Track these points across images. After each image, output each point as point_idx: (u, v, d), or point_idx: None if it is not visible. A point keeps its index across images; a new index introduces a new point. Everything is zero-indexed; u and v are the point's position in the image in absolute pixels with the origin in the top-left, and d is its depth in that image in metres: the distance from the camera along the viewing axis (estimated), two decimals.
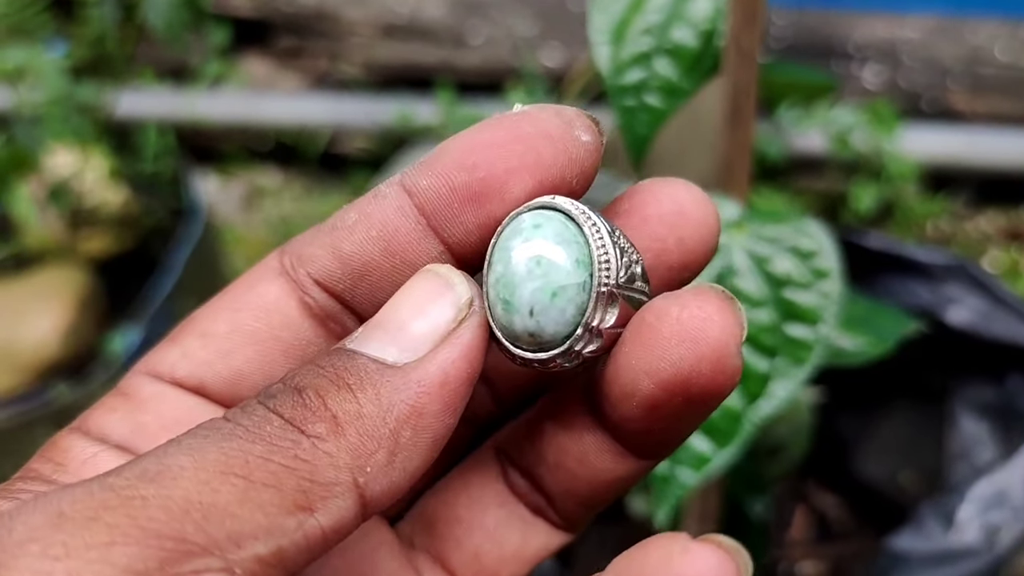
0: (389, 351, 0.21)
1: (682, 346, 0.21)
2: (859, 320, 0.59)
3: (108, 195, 1.14)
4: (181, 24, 0.99)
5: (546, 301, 0.22)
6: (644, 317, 0.22)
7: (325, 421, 0.20)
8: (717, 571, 0.20)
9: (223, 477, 0.18)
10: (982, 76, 1.45)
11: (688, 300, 0.21)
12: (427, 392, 0.21)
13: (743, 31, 0.44)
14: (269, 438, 0.19)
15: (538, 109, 0.23)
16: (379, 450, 0.20)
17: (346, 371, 0.21)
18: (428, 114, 1.43)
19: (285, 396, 0.20)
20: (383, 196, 0.24)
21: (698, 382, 0.21)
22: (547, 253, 0.22)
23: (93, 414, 0.25)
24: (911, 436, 0.85)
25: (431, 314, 0.22)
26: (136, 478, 0.18)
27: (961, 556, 0.66)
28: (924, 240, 1.37)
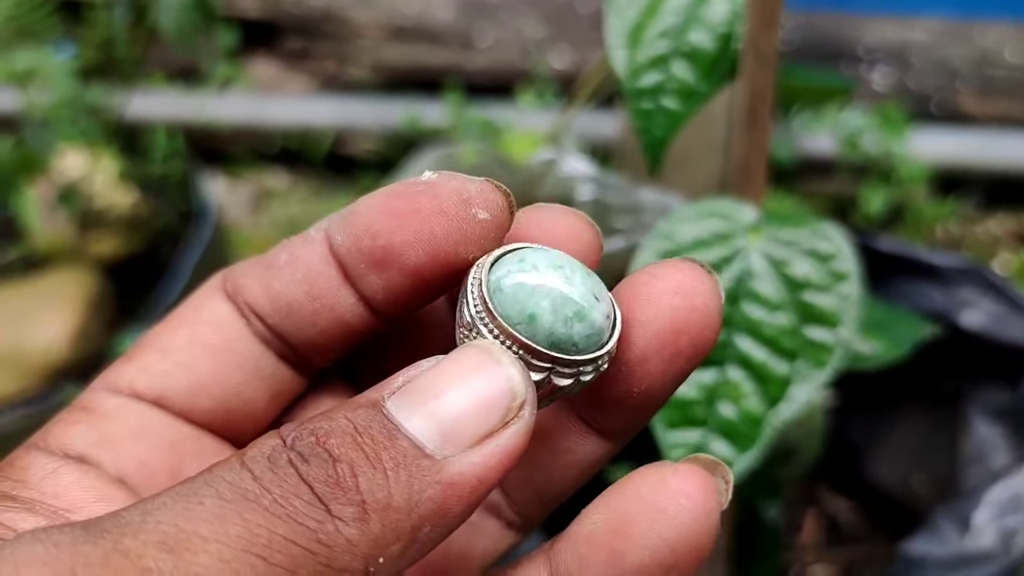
0: (430, 435, 0.20)
1: (677, 297, 0.23)
2: (875, 324, 0.58)
3: (117, 197, 1.14)
4: (191, 26, 0.99)
5: (590, 280, 0.23)
6: (637, 278, 0.23)
7: (354, 505, 0.19)
8: (705, 485, 0.21)
9: (243, 556, 0.18)
10: (992, 78, 1.44)
11: (679, 264, 0.23)
12: (457, 494, 0.20)
13: (761, 34, 0.44)
14: (295, 516, 0.19)
15: (442, 182, 0.24)
16: (397, 543, 0.20)
17: (384, 450, 0.20)
18: (436, 116, 1.43)
19: (318, 464, 0.20)
20: (311, 241, 0.25)
21: (689, 333, 0.23)
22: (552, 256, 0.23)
23: (52, 430, 0.25)
24: (923, 440, 0.84)
25: (483, 406, 0.21)
26: (155, 546, 0.18)
27: (977, 561, 0.65)
28: (934, 243, 1.37)
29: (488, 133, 1.25)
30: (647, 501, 0.21)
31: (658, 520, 0.21)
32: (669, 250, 0.45)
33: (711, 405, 0.44)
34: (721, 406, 0.44)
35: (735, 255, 0.45)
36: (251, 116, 1.52)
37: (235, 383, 0.25)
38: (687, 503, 0.21)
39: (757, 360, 0.44)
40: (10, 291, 1.05)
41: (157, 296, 1.02)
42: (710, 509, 0.21)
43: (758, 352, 0.44)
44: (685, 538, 0.21)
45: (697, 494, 0.21)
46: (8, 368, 0.98)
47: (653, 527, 0.21)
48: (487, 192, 0.24)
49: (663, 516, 0.21)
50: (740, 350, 0.44)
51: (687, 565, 0.21)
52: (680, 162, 0.80)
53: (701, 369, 0.44)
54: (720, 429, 0.44)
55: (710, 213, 0.45)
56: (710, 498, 0.21)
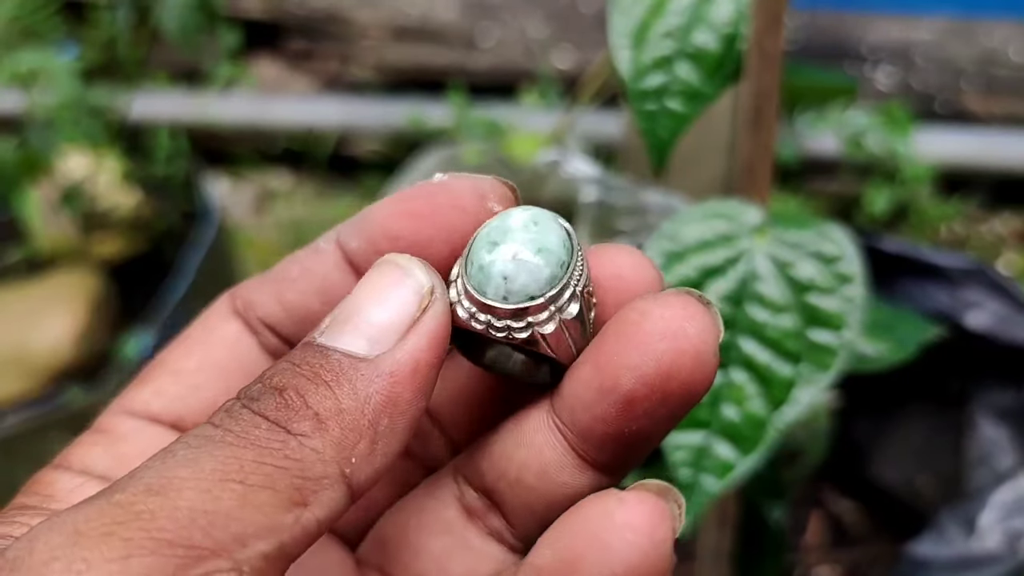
0: (359, 344, 0.22)
1: (664, 342, 0.22)
2: (880, 326, 0.58)
3: (121, 198, 1.14)
4: (194, 27, 0.99)
5: (531, 251, 0.23)
6: (627, 315, 0.23)
7: (308, 419, 0.21)
8: (653, 515, 0.21)
9: (222, 484, 0.19)
10: (996, 77, 1.44)
11: (670, 300, 0.23)
12: (399, 381, 0.22)
13: (766, 34, 0.44)
14: (259, 442, 0.20)
15: (455, 180, 0.25)
16: (361, 440, 0.21)
17: (322, 368, 0.22)
18: (440, 116, 1.43)
19: (267, 398, 0.21)
20: (322, 251, 0.26)
21: (678, 377, 0.22)
22: (544, 222, 0.24)
23: (73, 451, 0.26)
24: (929, 441, 0.84)
25: (395, 304, 0.23)
26: (142, 493, 0.19)
27: (983, 562, 0.65)
28: (938, 243, 1.37)
29: (492, 133, 1.25)
30: (593, 535, 0.21)
31: (605, 556, 0.21)
32: (673, 251, 0.45)
33: (714, 407, 0.44)
34: (725, 408, 0.44)
35: (740, 257, 0.45)
36: (254, 117, 1.52)
37: None
38: (633, 537, 0.21)
39: (761, 362, 0.44)
40: (14, 292, 1.05)
41: (161, 297, 1.02)
42: (659, 540, 0.21)
43: (762, 354, 0.44)
44: (634, 572, 0.21)
45: (644, 526, 0.21)
46: (12, 369, 0.98)
47: (600, 563, 0.21)
48: (498, 187, 0.25)
49: (609, 552, 0.21)
50: (744, 352, 0.44)
51: None
52: (684, 163, 0.80)
53: None
54: (723, 431, 0.44)
55: (715, 214, 0.45)
56: (659, 528, 0.21)
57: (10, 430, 0.91)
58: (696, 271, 0.44)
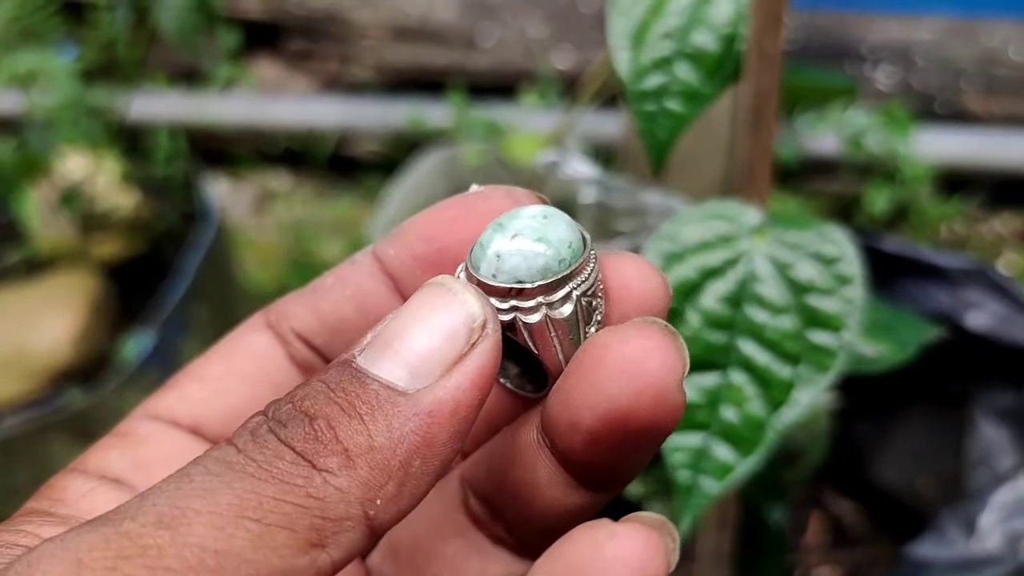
0: (399, 375, 0.21)
1: (620, 380, 0.21)
2: (880, 327, 0.58)
3: (120, 199, 1.14)
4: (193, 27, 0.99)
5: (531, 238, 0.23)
6: (587, 350, 0.22)
7: (337, 455, 0.20)
8: (645, 549, 0.20)
9: (237, 522, 0.18)
10: (997, 77, 1.44)
11: (630, 334, 0.22)
12: (438, 422, 0.20)
13: (765, 34, 0.43)
14: (282, 476, 0.19)
15: (491, 189, 0.25)
16: (389, 482, 0.20)
17: (357, 398, 0.20)
18: (440, 117, 1.43)
19: (296, 425, 0.20)
20: (357, 263, 0.26)
21: (637, 416, 0.21)
22: (555, 218, 0.23)
23: (90, 454, 0.25)
24: (929, 442, 0.84)
25: (442, 335, 0.21)
26: (152, 525, 0.18)
27: (983, 564, 0.65)
28: (938, 243, 1.36)
29: (491, 134, 1.25)
30: (584, 568, 0.21)
31: None
32: (673, 252, 0.45)
33: (713, 409, 0.44)
34: (724, 410, 0.44)
35: (739, 258, 0.44)
36: (254, 117, 1.52)
37: None
38: (624, 571, 0.20)
39: (760, 364, 0.44)
40: (13, 294, 1.05)
41: (160, 298, 1.02)
42: (651, 575, 0.21)
43: (761, 356, 0.44)
44: None
45: (635, 560, 0.21)
46: (11, 371, 0.98)
47: None
48: (532, 196, 0.25)
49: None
50: (743, 353, 0.44)
51: None
52: (683, 164, 0.79)
53: (704, 373, 0.44)
54: (722, 433, 0.44)
55: (714, 215, 0.45)
56: (651, 563, 0.21)
57: (9, 431, 0.91)
58: (695, 272, 0.44)
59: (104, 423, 0.93)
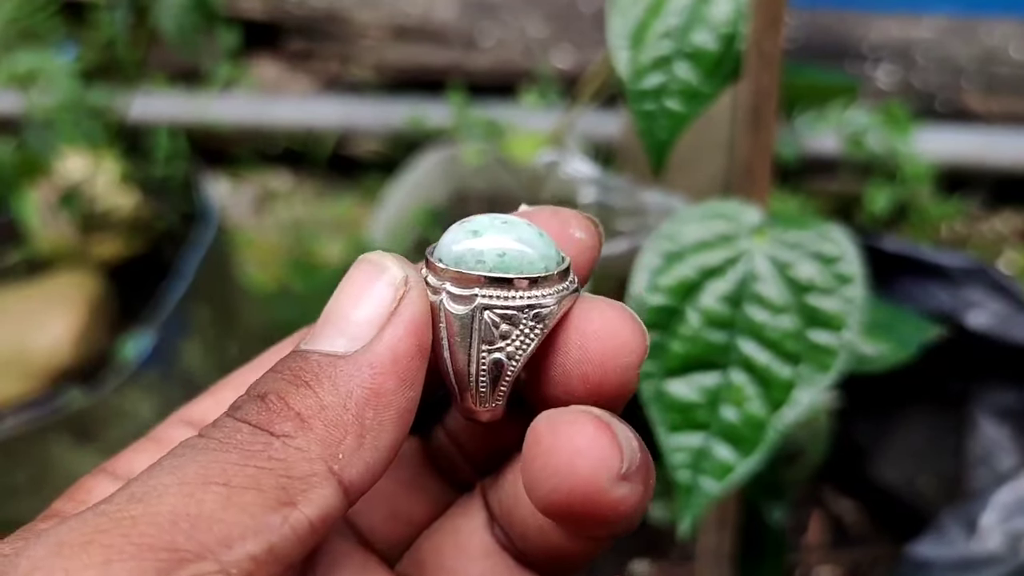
0: (338, 343, 0.22)
1: (553, 479, 0.22)
2: (881, 326, 0.58)
3: (120, 199, 1.13)
4: (193, 27, 0.99)
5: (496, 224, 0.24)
6: (528, 436, 0.23)
7: (290, 420, 0.21)
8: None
9: (204, 487, 0.19)
10: (997, 76, 1.44)
11: (561, 427, 0.22)
12: (380, 372, 0.22)
13: (765, 34, 0.43)
14: (241, 445, 0.20)
15: (538, 210, 0.26)
16: (347, 436, 0.21)
17: (301, 370, 0.22)
18: (440, 116, 1.43)
19: (249, 405, 0.22)
20: None
21: (574, 512, 0.22)
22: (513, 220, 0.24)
23: (121, 457, 0.26)
24: (930, 441, 0.84)
25: (371, 299, 0.23)
26: (125, 501, 0.19)
27: (984, 563, 0.65)
28: (939, 242, 1.36)
29: (491, 133, 1.24)
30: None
31: None
32: (672, 252, 0.45)
33: (714, 408, 0.44)
34: (724, 409, 0.44)
35: (739, 257, 0.44)
36: (254, 117, 1.52)
37: None
38: None
39: (760, 363, 0.43)
40: (12, 294, 1.05)
41: (160, 298, 1.02)
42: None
43: (761, 355, 0.44)
44: None
45: None
46: (11, 371, 0.98)
47: None
48: (580, 217, 0.26)
49: None
50: (743, 353, 0.44)
51: None
52: (683, 163, 0.79)
53: (704, 372, 0.44)
54: (723, 433, 0.43)
55: (714, 215, 0.45)
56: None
57: (9, 431, 0.91)
58: (695, 271, 0.44)
59: (104, 423, 0.93)
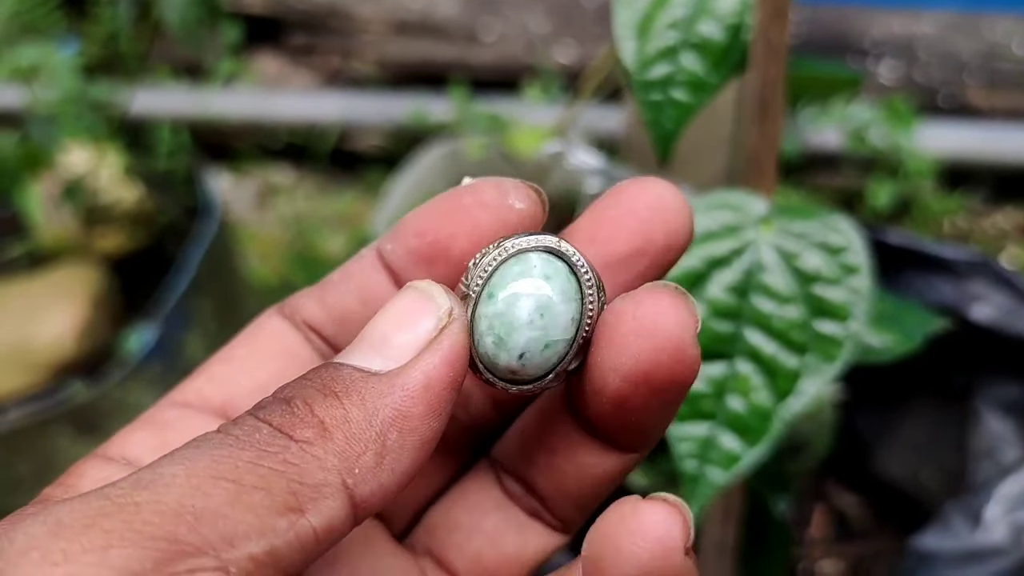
0: (374, 361, 0.22)
1: (640, 340, 0.23)
2: (886, 317, 0.58)
3: (122, 193, 1.13)
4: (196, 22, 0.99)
5: (537, 351, 0.24)
6: (606, 319, 0.24)
7: (313, 427, 0.21)
8: (665, 523, 0.22)
9: (214, 481, 0.19)
10: (999, 71, 1.44)
11: (642, 298, 0.23)
12: (411, 396, 0.22)
13: (771, 24, 0.43)
14: (258, 444, 0.20)
15: (480, 182, 0.26)
16: (366, 452, 0.21)
17: (332, 381, 0.22)
18: (442, 111, 1.43)
19: (274, 406, 0.21)
20: (362, 257, 0.28)
21: (659, 373, 0.23)
22: (552, 308, 0.24)
23: (114, 440, 0.26)
24: (933, 434, 0.84)
25: (413, 325, 0.23)
26: (131, 487, 0.19)
27: (989, 555, 0.65)
28: (941, 237, 1.36)
29: (494, 128, 1.24)
30: (610, 539, 0.22)
31: (619, 559, 0.22)
32: None
33: (720, 398, 0.44)
34: (730, 399, 0.44)
35: (745, 247, 0.44)
36: (256, 112, 1.52)
37: None
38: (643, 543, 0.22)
39: (767, 354, 0.44)
40: (15, 287, 1.05)
41: (163, 292, 1.02)
42: (669, 548, 0.21)
43: (768, 346, 0.44)
44: None
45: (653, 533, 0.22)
46: (14, 364, 0.98)
47: (616, 565, 0.22)
48: (521, 187, 0.26)
49: (621, 555, 0.22)
50: (749, 343, 0.44)
51: None
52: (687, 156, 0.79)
53: (710, 362, 0.44)
54: (729, 423, 0.43)
55: (720, 205, 0.45)
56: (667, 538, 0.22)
57: (12, 425, 0.91)
58: (701, 262, 0.44)
59: (107, 416, 0.93)
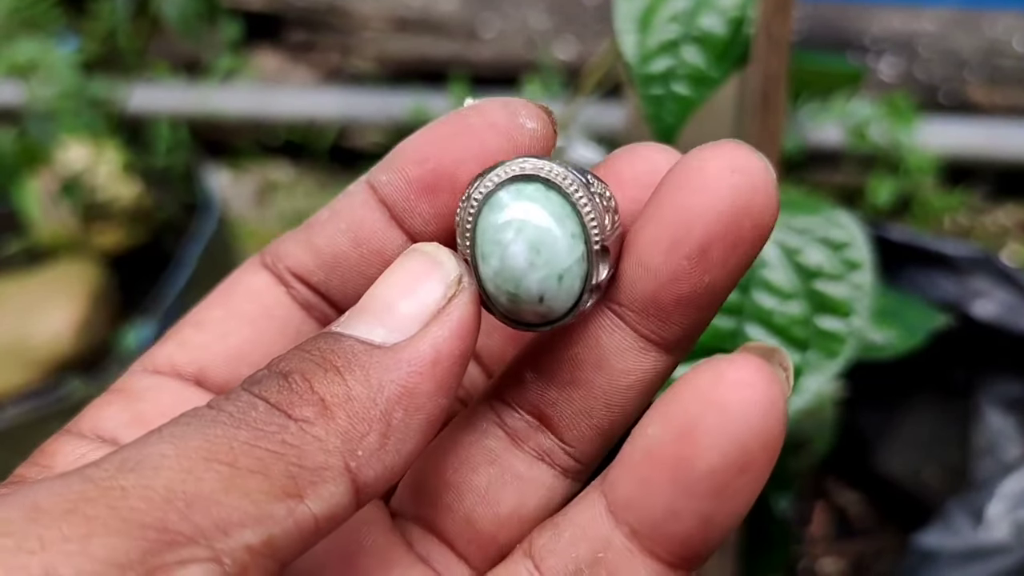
0: (377, 332, 0.21)
1: (735, 175, 0.21)
2: (887, 314, 0.58)
3: (121, 189, 1.13)
4: (195, 17, 0.99)
5: (555, 286, 0.22)
6: (686, 166, 0.21)
7: (313, 405, 0.19)
8: (763, 371, 0.20)
9: (207, 464, 0.18)
10: (1000, 68, 1.44)
11: (723, 146, 0.21)
12: (418, 371, 0.20)
13: (774, 17, 0.43)
14: (254, 423, 0.19)
15: (486, 102, 0.24)
16: (370, 432, 0.19)
17: (333, 354, 0.20)
18: (442, 108, 1.42)
19: (270, 381, 0.20)
20: (351, 194, 0.25)
21: (751, 213, 0.21)
22: (543, 238, 0.22)
23: (85, 414, 0.24)
24: (935, 431, 0.84)
25: (419, 293, 0.21)
26: (116, 468, 0.17)
27: (991, 553, 0.65)
28: (942, 234, 1.36)
29: None
30: (706, 399, 0.20)
31: (723, 418, 0.19)
32: None
33: None
34: None
35: None
36: (255, 108, 1.52)
37: (277, 350, 0.24)
38: (751, 394, 0.19)
39: None
40: (13, 284, 1.05)
41: (161, 289, 1.02)
42: (774, 398, 0.20)
43: (769, 342, 0.43)
44: (755, 433, 0.19)
45: (760, 383, 0.20)
46: (12, 361, 0.98)
47: (718, 426, 0.19)
48: (531, 106, 0.24)
49: (726, 413, 0.19)
50: (751, 339, 0.43)
51: (761, 464, 0.20)
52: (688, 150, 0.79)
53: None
54: None
55: None
56: (773, 387, 0.20)
57: (10, 422, 0.91)
58: None
59: None
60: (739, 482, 0.20)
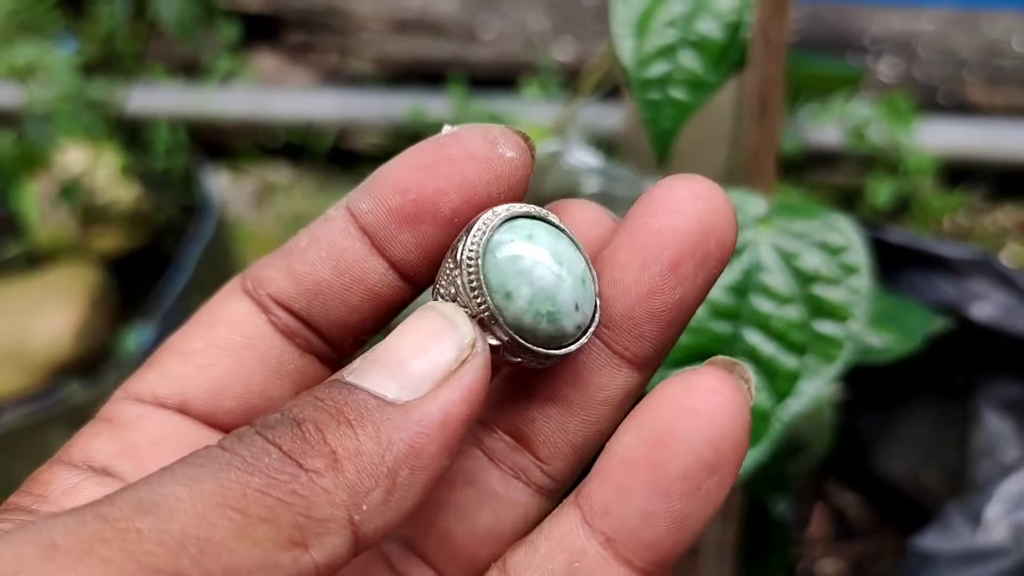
0: (389, 387, 0.21)
1: (699, 201, 0.23)
2: (886, 317, 0.58)
3: (120, 192, 1.13)
4: (192, 20, 0.99)
5: (582, 290, 0.23)
6: (658, 191, 0.23)
7: (324, 456, 0.20)
8: (729, 381, 0.21)
9: (220, 510, 0.18)
10: (1000, 68, 1.44)
11: (684, 180, 0.23)
12: (426, 432, 0.21)
13: (771, 21, 0.43)
14: (267, 471, 0.19)
15: (464, 130, 0.24)
16: (376, 488, 0.20)
17: (346, 406, 0.21)
18: (440, 109, 1.42)
19: (284, 428, 0.20)
20: (331, 219, 0.25)
21: (715, 233, 0.23)
22: (557, 250, 0.23)
23: (75, 443, 0.25)
24: (934, 434, 0.83)
25: (433, 352, 0.22)
26: (131, 509, 0.18)
27: (990, 555, 0.65)
28: (941, 234, 1.36)
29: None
30: (681, 406, 0.21)
31: (695, 423, 0.21)
32: None
33: None
34: None
35: (744, 247, 0.44)
36: (254, 110, 1.52)
37: (257, 381, 0.25)
38: (721, 400, 0.21)
39: (766, 354, 0.43)
40: (12, 287, 1.05)
41: (160, 291, 1.01)
42: (740, 403, 0.21)
43: (767, 346, 0.43)
44: (725, 434, 0.21)
45: (727, 391, 0.21)
46: (11, 365, 0.98)
47: (693, 428, 0.21)
48: (509, 133, 0.24)
49: (699, 418, 0.21)
50: (749, 344, 0.43)
51: (730, 464, 0.21)
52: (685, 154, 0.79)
53: None
54: None
55: None
56: (738, 394, 0.21)
57: (9, 425, 0.91)
58: None
59: None
60: (711, 482, 0.21)
